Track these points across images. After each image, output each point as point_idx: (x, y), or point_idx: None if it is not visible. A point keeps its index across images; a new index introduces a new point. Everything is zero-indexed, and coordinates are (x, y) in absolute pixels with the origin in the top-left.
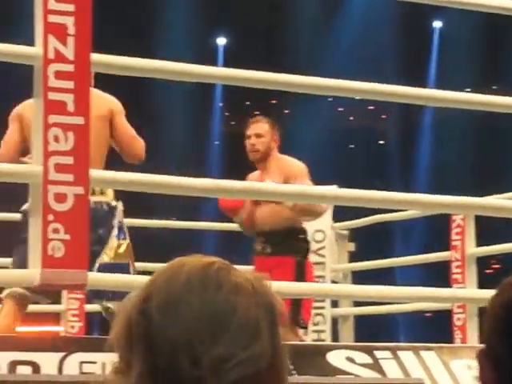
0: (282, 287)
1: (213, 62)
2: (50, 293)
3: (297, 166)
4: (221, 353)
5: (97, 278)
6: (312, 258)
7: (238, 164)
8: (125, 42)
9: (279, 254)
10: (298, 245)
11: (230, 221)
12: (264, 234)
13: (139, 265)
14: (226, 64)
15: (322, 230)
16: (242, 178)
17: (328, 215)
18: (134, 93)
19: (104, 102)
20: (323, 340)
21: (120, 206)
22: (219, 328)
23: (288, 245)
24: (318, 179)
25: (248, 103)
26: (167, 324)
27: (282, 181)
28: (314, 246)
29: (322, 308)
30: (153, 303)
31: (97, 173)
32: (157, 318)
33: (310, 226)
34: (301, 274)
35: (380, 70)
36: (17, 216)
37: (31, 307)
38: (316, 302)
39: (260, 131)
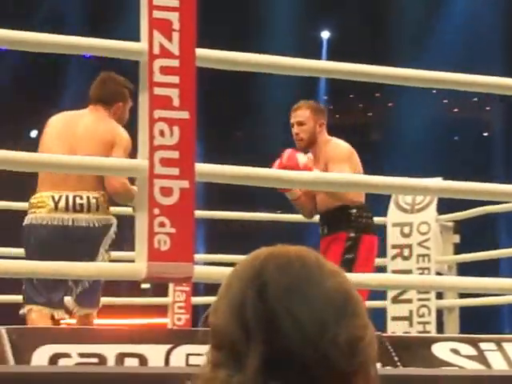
0: (382, 279)
1: (317, 55)
2: None
3: (336, 149)
4: (353, 333)
5: (202, 271)
6: (417, 249)
7: None
8: (229, 35)
9: (332, 232)
10: (350, 220)
11: None
12: (322, 215)
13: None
14: (330, 57)
15: (426, 222)
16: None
17: (433, 207)
18: (238, 87)
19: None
20: (428, 332)
21: (114, 221)
22: (342, 311)
23: (339, 221)
24: (421, 171)
25: (352, 96)
26: (294, 309)
27: (322, 167)
28: (418, 238)
29: (427, 300)
30: (272, 290)
31: (202, 167)
32: (280, 304)
33: (415, 218)
34: (351, 250)
35: (484, 60)
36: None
37: (138, 300)
38: (421, 293)
39: (301, 119)
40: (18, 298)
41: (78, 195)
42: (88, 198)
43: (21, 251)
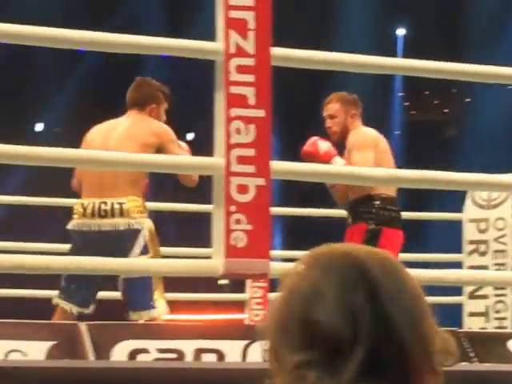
0: (459, 274)
1: (392, 52)
2: None
3: (359, 136)
4: (434, 332)
5: (279, 268)
6: (493, 245)
7: (420, 153)
8: (305, 34)
9: (355, 222)
10: (371, 212)
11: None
12: (348, 205)
13: None
14: (406, 54)
15: (503, 218)
16: (424, 166)
17: (509, 203)
18: (314, 84)
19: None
20: (505, 327)
21: (146, 223)
22: (424, 308)
23: (360, 212)
24: (498, 167)
25: (427, 93)
26: (408, 309)
27: (347, 155)
28: (495, 234)
29: (504, 295)
30: (383, 292)
31: (278, 164)
32: (394, 305)
33: (491, 214)
34: (370, 242)
35: None
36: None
37: (216, 296)
38: (497, 289)
39: (331, 112)
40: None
41: (103, 201)
42: (112, 203)
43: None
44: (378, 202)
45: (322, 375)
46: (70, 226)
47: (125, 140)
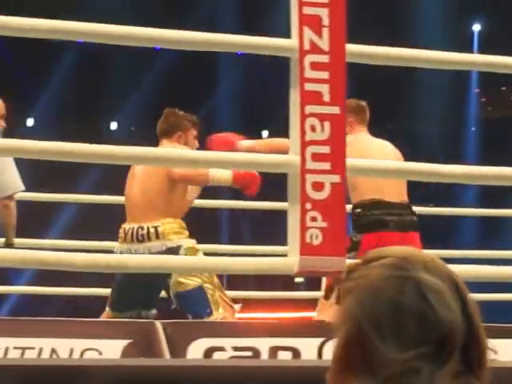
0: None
1: (468, 48)
2: None
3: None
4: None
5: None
6: None
7: (496, 149)
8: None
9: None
10: (354, 221)
11: (490, 207)
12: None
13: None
14: (482, 50)
15: None
16: (500, 163)
17: None
18: (389, 81)
19: None
20: None
21: (185, 243)
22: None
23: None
24: None
25: (504, 89)
26: (442, 306)
27: None
28: None
29: None
30: (461, 287)
31: (353, 161)
32: (434, 301)
33: None
34: (351, 251)
35: None
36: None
37: (292, 294)
38: None
39: None
40: None
41: (140, 226)
42: (148, 228)
43: None
44: (359, 210)
45: (433, 368)
46: (115, 250)
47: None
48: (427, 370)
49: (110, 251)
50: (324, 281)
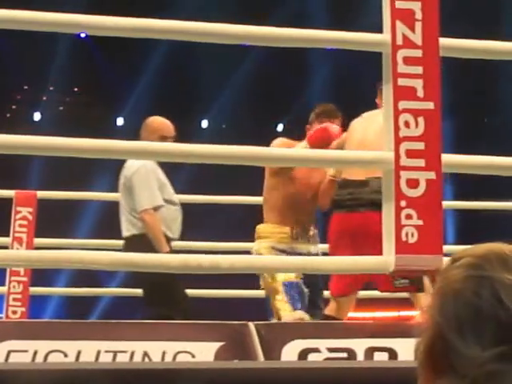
0: None
1: None
2: None
3: None
4: None
5: None
6: None
7: None
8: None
9: None
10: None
11: None
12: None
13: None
14: None
15: None
16: None
17: None
18: (485, 75)
19: None
20: None
21: (256, 246)
22: None
23: None
24: None
25: None
26: None
27: None
28: None
29: None
30: (501, 288)
31: (448, 157)
32: (507, 301)
33: None
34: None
35: None
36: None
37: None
38: None
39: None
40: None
41: (307, 228)
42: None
43: None
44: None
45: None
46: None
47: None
48: (509, 368)
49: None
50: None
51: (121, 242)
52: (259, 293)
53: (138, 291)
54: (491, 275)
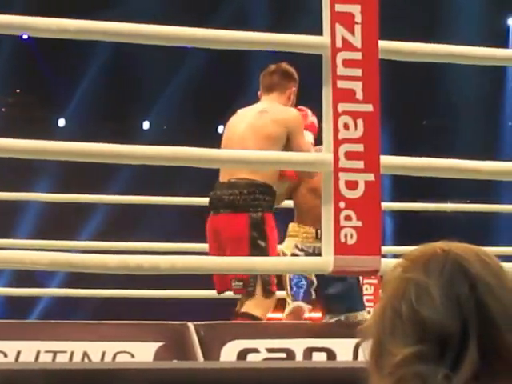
0: None
1: (503, 43)
2: None
3: None
4: None
5: (390, 264)
6: None
7: None
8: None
9: None
10: None
11: None
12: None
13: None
14: None
15: None
16: None
17: None
18: (425, 77)
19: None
20: None
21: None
22: None
23: None
24: None
25: None
26: (503, 298)
27: None
28: None
29: None
30: (481, 286)
31: (387, 159)
32: (493, 299)
33: None
34: None
35: None
36: None
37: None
38: None
39: None
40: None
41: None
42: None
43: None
44: None
45: (436, 367)
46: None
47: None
48: (424, 368)
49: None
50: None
51: (62, 243)
52: (200, 293)
53: (78, 291)
54: (411, 277)
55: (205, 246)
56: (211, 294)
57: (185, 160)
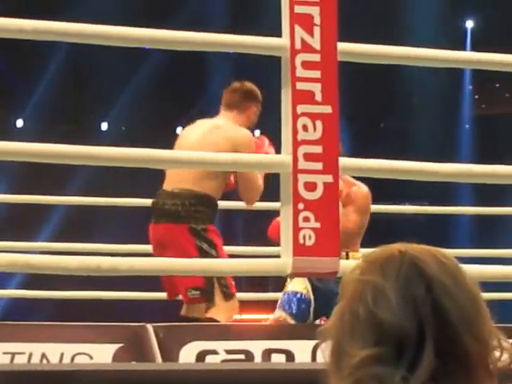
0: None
1: (461, 45)
2: None
3: None
4: (490, 330)
5: (349, 266)
6: None
7: (490, 147)
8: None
9: None
10: None
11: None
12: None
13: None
14: (475, 47)
15: None
16: (494, 161)
17: None
18: (382, 80)
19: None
20: None
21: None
22: (479, 307)
23: None
24: None
25: (498, 85)
26: (460, 299)
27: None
28: None
29: None
30: (438, 287)
31: (345, 161)
32: (449, 300)
33: None
34: None
35: None
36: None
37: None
38: None
39: None
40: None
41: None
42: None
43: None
44: None
45: (393, 369)
46: None
47: None
48: (381, 370)
49: (102, 254)
50: None
51: (20, 244)
52: (158, 295)
53: (36, 293)
54: (369, 279)
55: None
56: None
57: (143, 161)
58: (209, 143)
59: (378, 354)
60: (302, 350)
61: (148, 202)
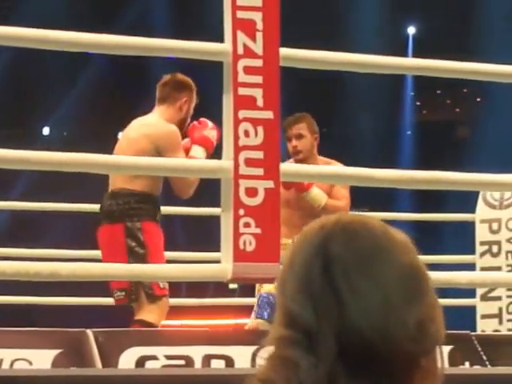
0: (472, 276)
1: (403, 51)
2: None
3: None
4: (423, 314)
5: None
6: (506, 246)
7: (431, 153)
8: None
9: None
10: None
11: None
12: None
13: None
14: (416, 53)
15: None
16: (435, 167)
17: None
18: (324, 86)
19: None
20: None
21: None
22: (412, 291)
23: None
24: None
25: (439, 92)
26: (360, 290)
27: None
28: (507, 235)
29: None
30: (337, 268)
31: (287, 166)
32: (346, 283)
33: (503, 214)
34: None
35: None
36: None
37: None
38: (511, 290)
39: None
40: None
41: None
42: None
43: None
44: None
45: (302, 353)
46: None
47: None
48: (291, 353)
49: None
50: (257, 287)
51: None
52: (98, 300)
53: None
54: (284, 259)
55: None
56: (110, 300)
57: (84, 166)
58: (133, 143)
59: (291, 337)
60: (241, 356)
61: (91, 207)
